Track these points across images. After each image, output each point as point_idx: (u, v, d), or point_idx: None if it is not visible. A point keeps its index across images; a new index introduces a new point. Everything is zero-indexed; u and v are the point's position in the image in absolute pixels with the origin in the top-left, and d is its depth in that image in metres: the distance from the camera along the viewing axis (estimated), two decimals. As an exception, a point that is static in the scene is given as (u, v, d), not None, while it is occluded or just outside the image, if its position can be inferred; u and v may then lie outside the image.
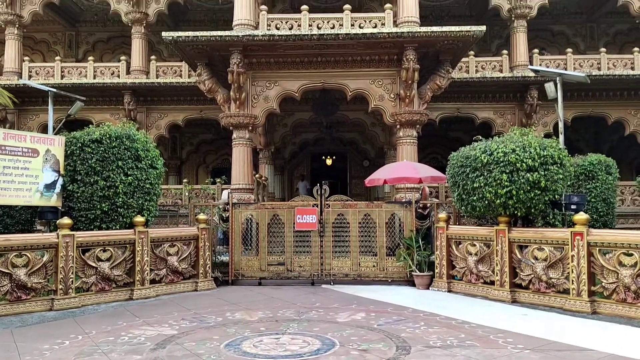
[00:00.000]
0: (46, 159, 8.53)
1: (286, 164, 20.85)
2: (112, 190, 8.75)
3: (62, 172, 8.73)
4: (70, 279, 7.96)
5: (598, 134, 19.73)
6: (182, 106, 17.38)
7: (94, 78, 16.72)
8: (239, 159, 13.47)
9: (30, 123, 17.28)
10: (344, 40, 12.56)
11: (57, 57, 17.90)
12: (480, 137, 8.80)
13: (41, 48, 21.20)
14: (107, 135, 8.89)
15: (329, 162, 21.63)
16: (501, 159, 7.90)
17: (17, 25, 17.23)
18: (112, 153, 8.84)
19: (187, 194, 14.47)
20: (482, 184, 8.08)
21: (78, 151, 8.80)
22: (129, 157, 9.01)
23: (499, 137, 8.70)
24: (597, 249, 7.24)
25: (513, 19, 16.58)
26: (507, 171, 7.80)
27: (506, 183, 7.77)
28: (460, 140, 18.56)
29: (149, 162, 9.38)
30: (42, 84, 13.48)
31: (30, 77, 16.82)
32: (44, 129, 16.10)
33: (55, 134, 9.55)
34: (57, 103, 12.59)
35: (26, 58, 17.44)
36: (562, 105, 9.04)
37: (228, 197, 11.06)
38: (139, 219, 8.85)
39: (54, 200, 8.66)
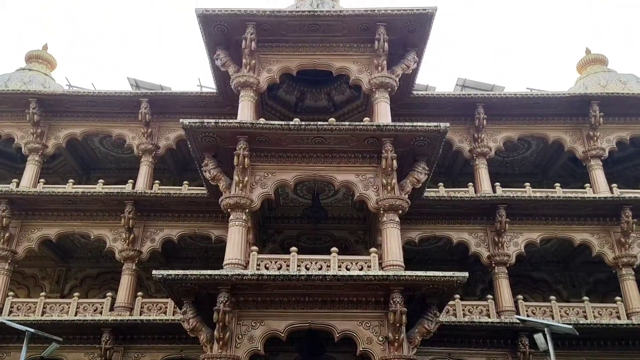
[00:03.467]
0: (5, 405, 7.79)
1: (267, 413, 19.10)
2: None
3: (18, 420, 7.89)
4: None
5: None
6: (163, 345, 16.57)
7: (76, 315, 16.28)
8: (217, 407, 12.41)
9: (-2, 361, 16.26)
10: (331, 281, 12.79)
11: (43, 293, 17.71)
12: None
13: (28, 283, 21.13)
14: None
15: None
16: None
17: (9, 261, 17.48)
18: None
19: None
20: None
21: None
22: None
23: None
24: None
25: (493, 265, 17.23)
26: None
27: None
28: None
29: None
30: (21, 321, 13.13)
31: (10, 312, 16.38)
32: (11, 369, 15.09)
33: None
34: (32, 341, 12.06)
35: (11, 293, 17.27)
36: (554, 358, 8.80)
37: None
38: None
39: None
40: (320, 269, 13.32)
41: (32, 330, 11.13)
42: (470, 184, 18.12)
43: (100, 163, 22.67)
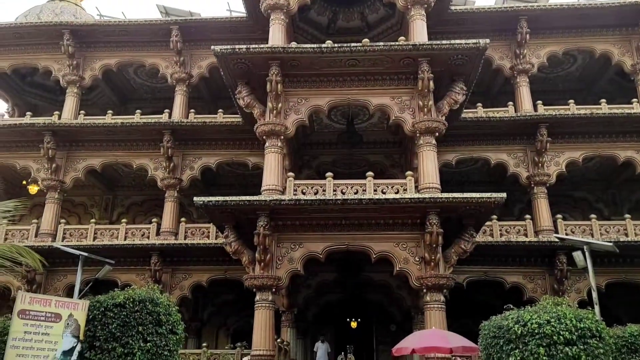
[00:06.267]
0: (68, 324, 8.42)
1: (309, 327, 20.12)
2: (129, 357, 8.45)
3: (81, 337, 8.54)
4: None
5: (637, 301, 18.82)
6: (207, 267, 17.44)
7: (125, 240, 17.20)
8: (261, 322, 13.12)
9: (57, 284, 17.42)
10: (367, 205, 12.92)
11: (92, 220, 18.68)
12: (512, 306, 8.48)
13: (78, 211, 22.21)
14: (131, 299, 8.84)
15: (353, 325, 20.83)
16: (536, 331, 7.51)
17: (58, 190, 18.31)
18: (134, 317, 8.71)
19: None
20: (518, 358, 7.58)
21: (100, 316, 8.70)
22: (150, 322, 8.84)
23: (531, 305, 8.38)
24: None
25: (532, 185, 17.00)
26: (544, 344, 7.36)
27: (544, 358, 7.28)
28: (490, 305, 17.91)
29: (170, 327, 9.17)
30: (74, 246, 13.90)
31: (64, 238, 17.39)
32: (70, 290, 16.18)
33: (81, 297, 9.55)
34: (86, 264, 12.81)
35: (62, 220, 18.22)
36: (593, 275, 8.82)
37: (248, 366, 10.56)
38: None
39: (69, 367, 8.35)
40: (356, 193, 13.42)
41: (86, 254, 11.77)
42: (511, 103, 17.54)
43: (136, 94, 22.90)
